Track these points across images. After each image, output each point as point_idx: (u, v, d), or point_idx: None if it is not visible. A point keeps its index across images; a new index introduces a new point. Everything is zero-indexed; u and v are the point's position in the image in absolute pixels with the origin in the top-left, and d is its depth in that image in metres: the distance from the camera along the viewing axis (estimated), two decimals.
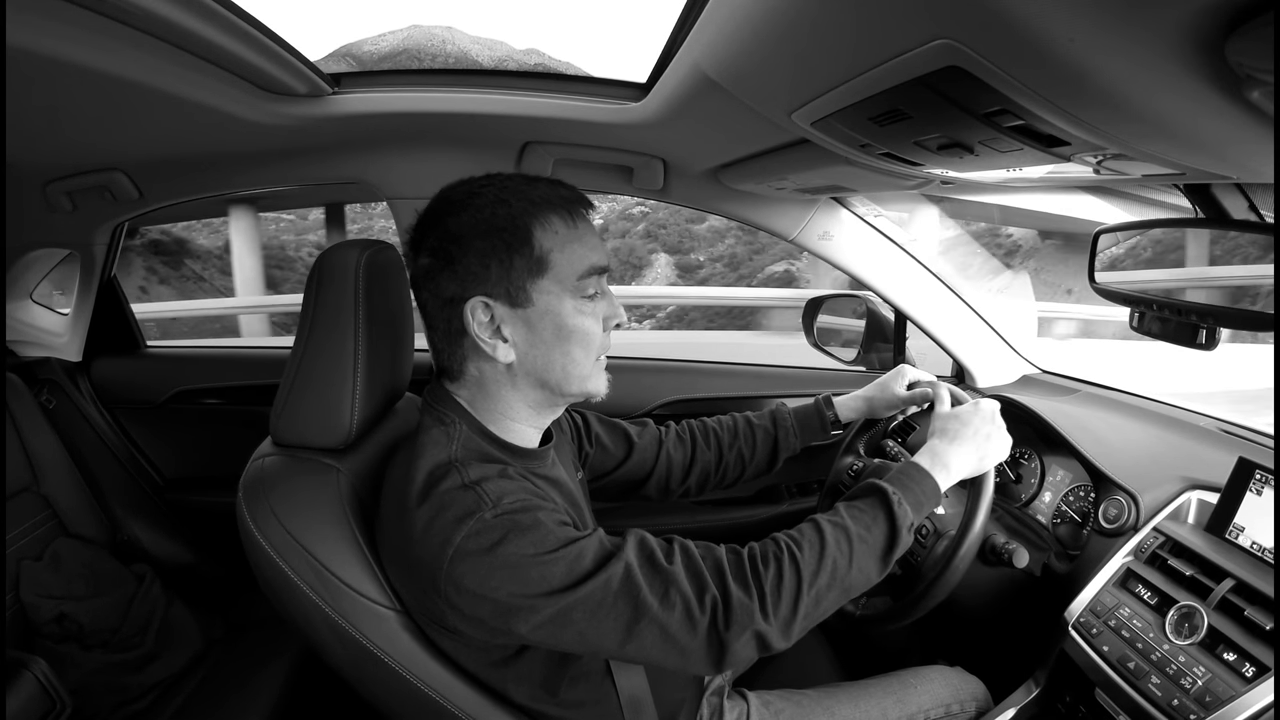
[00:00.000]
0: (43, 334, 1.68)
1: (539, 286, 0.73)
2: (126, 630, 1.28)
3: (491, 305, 0.73)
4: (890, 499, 0.79)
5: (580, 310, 0.75)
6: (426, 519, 0.68)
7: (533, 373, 0.76)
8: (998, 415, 0.93)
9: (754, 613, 0.68)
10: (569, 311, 0.75)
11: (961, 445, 0.88)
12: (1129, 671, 0.83)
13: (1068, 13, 0.34)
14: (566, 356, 0.76)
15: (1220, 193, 0.70)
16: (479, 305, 0.73)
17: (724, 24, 0.62)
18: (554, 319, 0.74)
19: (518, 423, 0.80)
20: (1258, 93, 0.33)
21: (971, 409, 0.93)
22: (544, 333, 0.74)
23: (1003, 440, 0.92)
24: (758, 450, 1.13)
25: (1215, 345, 0.70)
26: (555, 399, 0.80)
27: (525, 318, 0.74)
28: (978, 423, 0.91)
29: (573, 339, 0.75)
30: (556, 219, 0.74)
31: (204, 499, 1.68)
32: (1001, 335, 1.45)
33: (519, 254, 0.72)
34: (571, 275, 0.74)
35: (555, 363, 0.76)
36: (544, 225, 0.73)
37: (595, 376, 0.79)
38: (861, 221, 1.37)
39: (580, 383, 0.78)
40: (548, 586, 0.66)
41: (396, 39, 15.20)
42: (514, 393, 0.78)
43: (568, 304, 0.74)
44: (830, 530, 0.75)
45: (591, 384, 0.79)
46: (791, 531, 0.76)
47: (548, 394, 0.79)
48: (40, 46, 0.71)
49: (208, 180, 1.38)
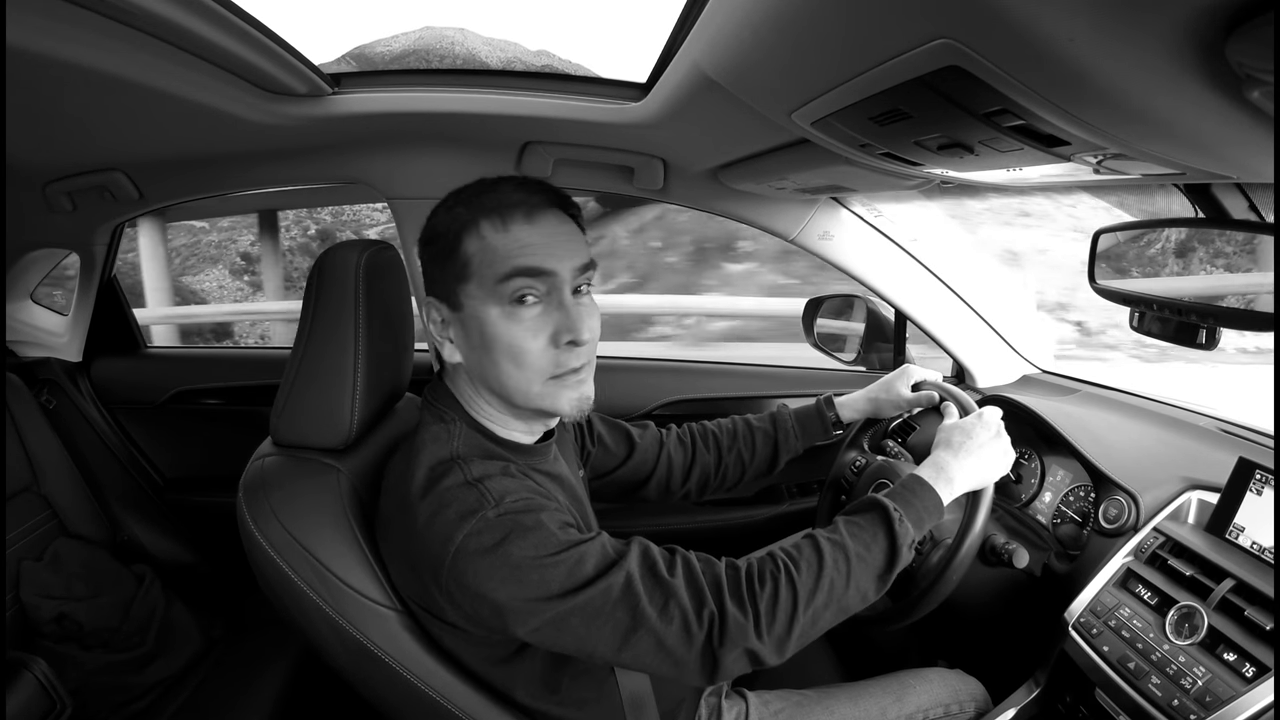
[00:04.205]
0: (43, 334, 1.68)
1: (465, 291, 0.73)
2: (126, 630, 1.28)
3: (437, 306, 0.76)
4: (891, 517, 0.78)
5: (508, 317, 0.71)
6: (428, 514, 0.69)
7: (480, 379, 0.76)
8: (1002, 429, 0.93)
9: (748, 631, 0.68)
10: (493, 319, 0.71)
11: (966, 459, 0.88)
12: (1129, 672, 0.83)
13: (1068, 13, 0.34)
14: (497, 368, 0.73)
15: (1220, 193, 0.70)
16: (432, 305, 0.77)
17: (724, 24, 0.62)
18: (479, 325, 0.72)
19: (498, 424, 0.79)
20: (1258, 93, 0.33)
21: (976, 421, 0.92)
22: (474, 338, 0.74)
23: (1006, 453, 0.92)
24: (758, 452, 1.13)
25: (1215, 345, 0.70)
26: (519, 410, 0.77)
27: (460, 320, 0.75)
28: (983, 435, 0.90)
29: (497, 349, 0.72)
30: (485, 223, 0.72)
31: (204, 499, 1.68)
32: (1001, 335, 1.45)
33: (449, 259, 0.73)
34: (491, 278, 0.71)
35: (489, 373, 0.74)
36: (471, 230, 0.72)
37: (549, 395, 0.74)
38: (861, 221, 1.37)
39: (524, 398, 0.74)
40: (546, 591, 0.66)
41: (408, 40, 15.12)
42: (478, 395, 0.78)
43: (492, 310, 0.71)
44: (829, 549, 0.74)
45: (544, 402, 0.74)
46: (790, 549, 0.75)
47: (510, 405, 0.77)
48: (40, 46, 0.71)
49: (208, 180, 1.38)
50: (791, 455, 1.14)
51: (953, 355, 1.46)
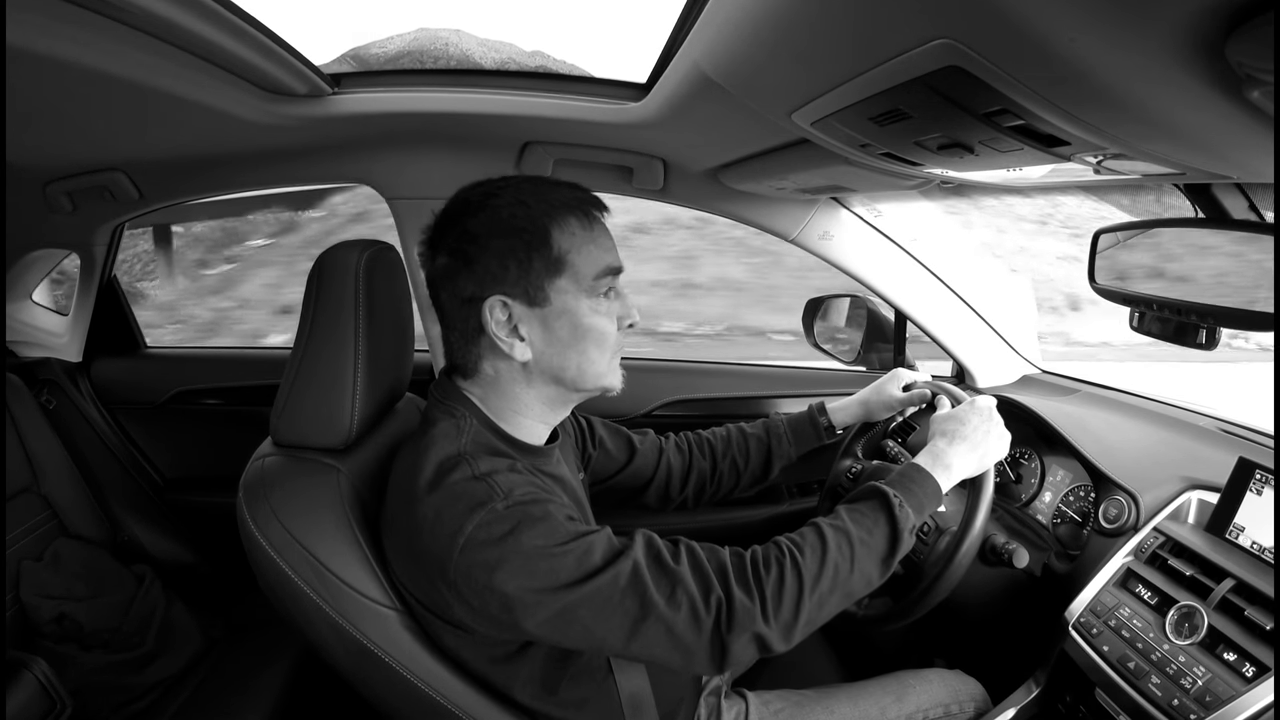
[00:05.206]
0: (43, 334, 1.68)
1: (556, 286, 0.74)
2: (127, 630, 1.28)
3: (509, 304, 0.74)
4: (891, 502, 0.79)
5: (595, 310, 0.76)
6: (436, 509, 0.69)
7: (548, 370, 0.77)
8: (995, 412, 0.94)
9: (755, 616, 0.69)
10: (585, 311, 0.76)
11: (961, 445, 0.89)
12: (1129, 671, 0.83)
13: (1068, 13, 0.34)
14: (583, 355, 0.77)
15: (1220, 193, 0.70)
16: (497, 304, 0.74)
17: (724, 24, 0.62)
18: (570, 318, 0.75)
19: (529, 419, 0.80)
20: (1258, 93, 0.33)
21: (969, 408, 0.94)
22: (560, 332, 0.76)
23: (1002, 437, 0.93)
24: (751, 459, 1.14)
25: (1215, 345, 0.70)
26: (569, 395, 0.81)
27: (542, 317, 0.75)
28: (976, 421, 0.92)
29: (588, 338, 0.76)
30: (574, 220, 0.75)
31: (204, 499, 1.68)
32: (1001, 335, 1.45)
33: (537, 254, 0.73)
34: (588, 275, 0.75)
35: (571, 361, 0.77)
36: (562, 226, 0.74)
37: (611, 373, 0.81)
38: (861, 221, 1.37)
39: (596, 379, 0.79)
40: (556, 580, 0.66)
41: (403, 42, 15.02)
42: (529, 390, 0.79)
43: (584, 304, 0.76)
44: (832, 534, 0.76)
45: (608, 380, 0.80)
46: (794, 535, 0.76)
47: (562, 390, 0.80)
48: (40, 46, 0.71)
49: (208, 180, 1.38)
50: (785, 462, 1.15)
51: (953, 355, 1.46)
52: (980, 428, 0.91)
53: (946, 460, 0.87)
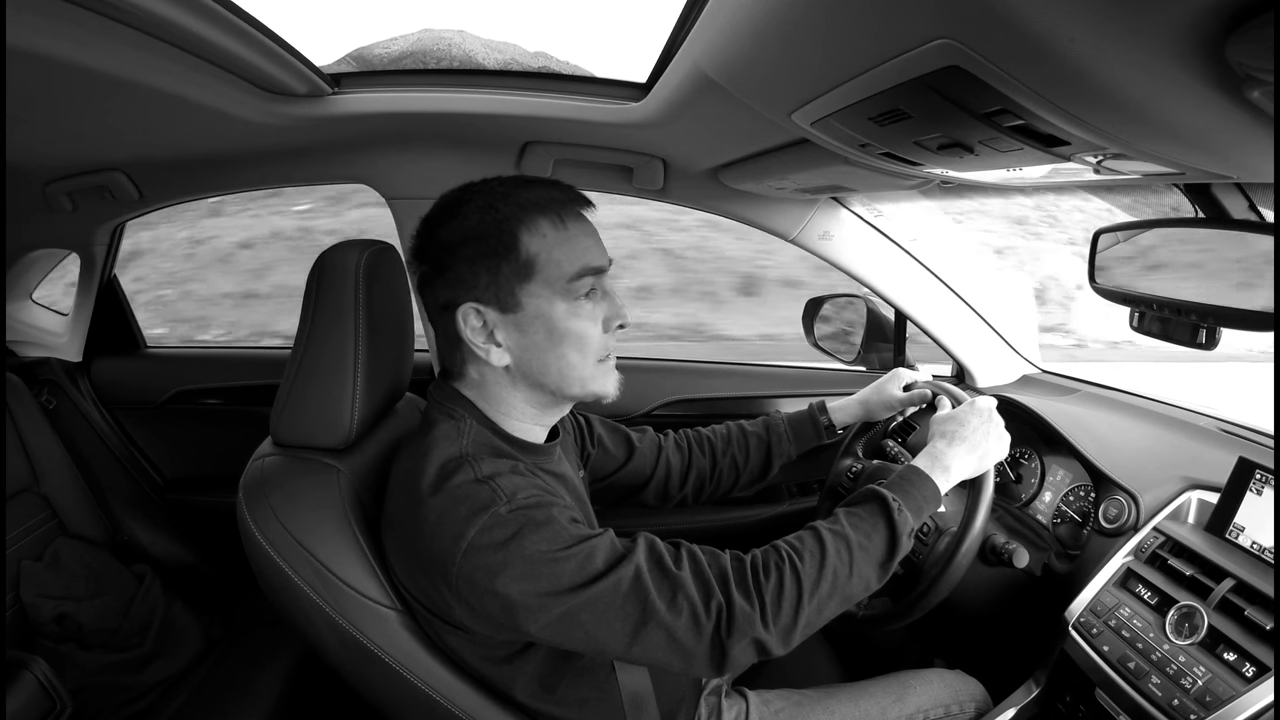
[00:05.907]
0: (43, 334, 1.69)
1: (528, 290, 0.73)
2: (127, 630, 1.28)
3: (483, 311, 0.74)
4: (890, 506, 0.79)
5: (574, 312, 0.75)
6: (438, 512, 0.69)
7: (529, 375, 0.76)
8: (995, 413, 0.94)
9: (755, 621, 0.69)
10: (561, 314, 0.74)
11: (961, 446, 0.89)
12: (1129, 671, 0.83)
13: (1068, 13, 0.34)
14: (561, 359, 0.75)
15: (1220, 193, 0.70)
16: (470, 311, 0.74)
17: (724, 24, 0.62)
18: (545, 322, 0.74)
19: (523, 421, 0.80)
20: (1258, 93, 0.33)
21: (969, 409, 0.94)
22: (536, 336, 0.74)
23: (1001, 438, 0.93)
24: (751, 457, 1.14)
25: (1215, 345, 0.70)
26: (557, 400, 0.80)
27: (516, 322, 0.74)
28: (976, 422, 0.92)
29: (565, 342, 0.75)
30: (544, 221, 0.74)
31: (204, 499, 1.68)
32: (1001, 335, 1.45)
33: (505, 260, 0.72)
34: (561, 278, 0.74)
35: (550, 365, 0.75)
36: (531, 229, 0.73)
37: (599, 378, 0.78)
38: (861, 221, 1.37)
39: (580, 384, 0.77)
40: (558, 585, 0.66)
41: (407, 43, 14.95)
42: (514, 393, 0.78)
43: (559, 307, 0.74)
44: (830, 539, 0.75)
45: (595, 385, 0.78)
46: (793, 540, 0.76)
47: (548, 395, 0.79)
48: (40, 46, 0.71)
49: (208, 180, 1.38)
50: (785, 460, 1.15)
51: (953, 355, 1.46)
52: (980, 429, 0.91)
53: (945, 462, 0.87)
